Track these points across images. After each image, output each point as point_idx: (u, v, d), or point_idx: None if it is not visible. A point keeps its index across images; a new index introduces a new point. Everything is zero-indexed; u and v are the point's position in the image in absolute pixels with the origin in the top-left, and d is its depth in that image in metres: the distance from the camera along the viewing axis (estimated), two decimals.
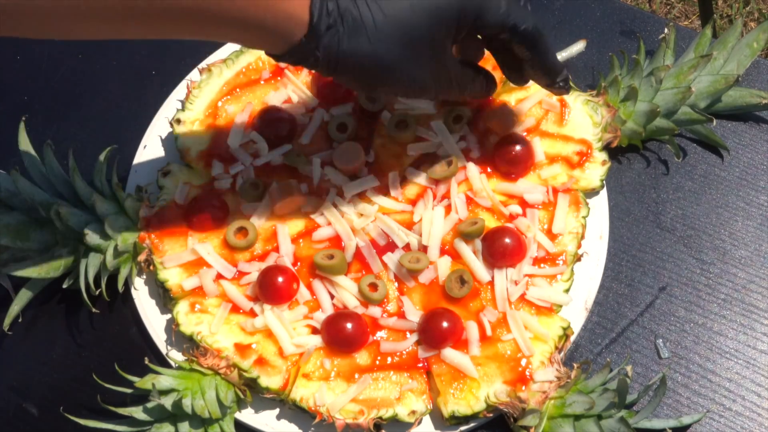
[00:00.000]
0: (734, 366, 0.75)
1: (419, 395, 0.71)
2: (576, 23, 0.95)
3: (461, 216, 0.78)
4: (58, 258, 0.75)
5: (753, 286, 0.79)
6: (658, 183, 0.84)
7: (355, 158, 0.80)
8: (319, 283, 0.76)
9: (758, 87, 0.89)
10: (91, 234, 0.74)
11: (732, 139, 0.86)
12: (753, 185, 0.84)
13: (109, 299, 0.77)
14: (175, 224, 0.78)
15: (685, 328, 0.77)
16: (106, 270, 0.75)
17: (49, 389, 0.77)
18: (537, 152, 0.80)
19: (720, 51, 0.83)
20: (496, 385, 0.70)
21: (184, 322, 0.74)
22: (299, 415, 0.73)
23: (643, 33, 0.93)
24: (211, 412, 0.68)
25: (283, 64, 0.86)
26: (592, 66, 0.91)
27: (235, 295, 0.75)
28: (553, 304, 0.74)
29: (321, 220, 0.79)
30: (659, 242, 0.81)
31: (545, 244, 0.76)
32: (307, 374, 0.72)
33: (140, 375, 0.69)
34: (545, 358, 0.71)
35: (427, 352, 0.72)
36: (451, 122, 0.82)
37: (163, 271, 0.76)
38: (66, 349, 0.79)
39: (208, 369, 0.71)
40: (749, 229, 0.82)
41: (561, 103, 0.82)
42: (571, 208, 0.78)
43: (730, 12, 1.87)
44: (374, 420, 0.70)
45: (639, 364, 0.75)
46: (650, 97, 0.81)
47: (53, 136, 0.80)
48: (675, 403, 0.74)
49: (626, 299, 0.79)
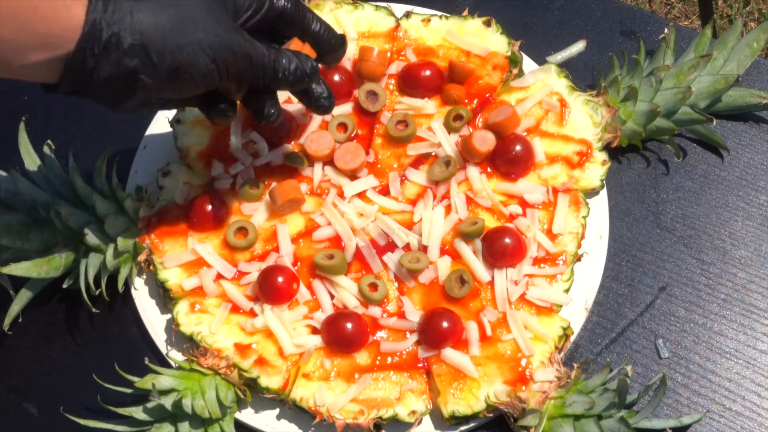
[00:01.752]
0: (734, 366, 0.75)
1: (419, 395, 0.71)
2: (576, 23, 0.95)
3: (461, 216, 0.78)
4: (58, 258, 0.75)
5: (753, 286, 0.79)
6: (658, 183, 0.84)
7: (355, 158, 0.80)
8: (319, 283, 0.76)
9: (758, 87, 0.89)
10: (91, 234, 0.74)
11: (732, 139, 0.86)
12: (753, 185, 0.84)
13: (109, 299, 0.77)
14: (175, 224, 0.78)
15: (685, 328, 0.77)
16: (106, 270, 0.75)
17: (49, 389, 0.77)
18: (537, 152, 0.80)
19: (720, 51, 0.83)
20: (496, 385, 0.70)
21: (184, 322, 0.74)
22: (299, 415, 0.73)
23: (643, 33, 0.93)
24: (211, 412, 0.68)
25: None
26: (592, 66, 0.91)
27: (235, 295, 0.75)
28: (553, 304, 0.74)
29: (321, 220, 0.79)
30: (659, 242, 0.81)
31: (545, 244, 0.76)
32: (307, 374, 0.72)
33: (140, 375, 0.69)
34: (545, 358, 0.71)
35: (427, 352, 0.72)
36: (451, 122, 0.82)
37: (163, 271, 0.76)
38: (66, 349, 0.79)
39: (208, 369, 0.71)
40: (749, 229, 0.82)
41: (561, 103, 0.82)
42: (571, 208, 0.78)
43: (730, 12, 1.87)
44: (374, 420, 0.70)
45: (639, 364, 0.75)
46: (650, 97, 0.81)
47: (53, 136, 0.80)
48: (675, 403, 0.74)
49: (626, 299, 0.79)
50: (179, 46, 0.59)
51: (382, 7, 0.89)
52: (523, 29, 0.94)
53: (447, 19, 0.88)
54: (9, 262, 0.75)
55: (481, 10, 0.89)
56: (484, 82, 0.84)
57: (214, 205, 0.78)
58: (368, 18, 0.88)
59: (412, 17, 0.88)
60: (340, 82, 0.84)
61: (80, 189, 0.77)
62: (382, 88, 0.84)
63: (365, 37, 0.87)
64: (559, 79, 0.84)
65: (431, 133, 0.82)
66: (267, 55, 0.65)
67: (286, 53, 0.67)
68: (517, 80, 0.84)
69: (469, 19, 0.87)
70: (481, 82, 0.84)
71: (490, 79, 0.84)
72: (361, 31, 0.87)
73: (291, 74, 0.67)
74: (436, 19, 0.88)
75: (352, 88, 0.85)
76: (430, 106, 0.84)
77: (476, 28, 0.87)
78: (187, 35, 0.60)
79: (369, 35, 0.87)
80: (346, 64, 0.86)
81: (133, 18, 0.57)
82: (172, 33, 0.59)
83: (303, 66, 0.68)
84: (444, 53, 0.86)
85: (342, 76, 0.84)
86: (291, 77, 0.67)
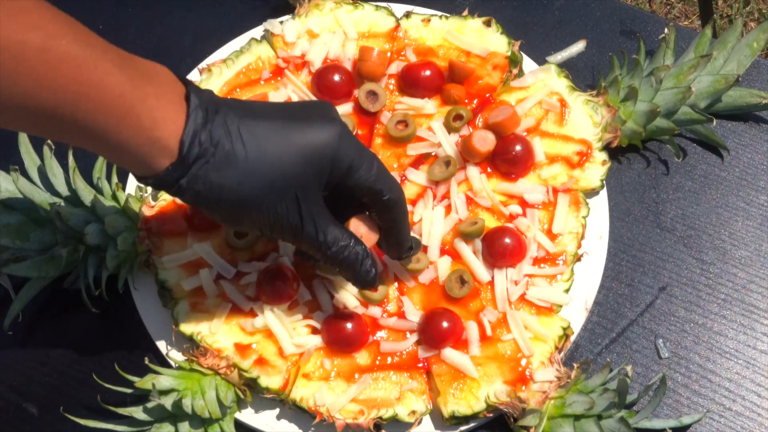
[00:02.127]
0: (734, 366, 0.75)
1: (419, 395, 0.71)
2: (576, 23, 0.95)
3: (461, 216, 0.78)
4: (58, 258, 0.75)
5: (753, 286, 0.79)
6: (658, 183, 0.84)
7: None
8: (319, 283, 0.76)
9: (758, 87, 0.89)
10: (91, 234, 0.74)
11: (732, 139, 0.86)
12: (753, 185, 0.84)
13: (109, 299, 0.77)
14: (175, 224, 0.78)
15: (685, 328, 0.77)
16: (106, 270, 0.75)
17: (49, 389, 0.77)
18: (537, 152, 0.80)
19: (720, 51, 0.83)
20: (496, 385, 0.70)
21: (184, 322, 0.74)
22: (299, 415, 0.73)
23: (643, 33, 0.93)
24: (211, 412, 0.68)
25: (283, 64, 0.86)
26: (592, 66, 0.91)
27: (235, 295, 0.75)
28: (553, 304, 0.75)
29: None
30: (659, 242, 0.81)
31: (545, 244, 0.76)
32: (307, 374, 0.72)
33: (140, 375, 0.69)
34: (545, 358, 0.71)
35: (427, 352, 0.72)
36: (451, 122, 0.82)
37: (163, 271, 0.76)
38: (66, 349, 0.79)
39: (208, 369, 0.71)
40: (749, 229, 0.82)
41: (561, 103, 0.82)
42: (571, 208, 0.78)
43: (730, 12, 1.87)
44: (374, 420, 0.70)
45: (639, 364, 0.75)
46: (650, 97, 0.81)
47: None
48: (675, 403, 0.74)
49: (626, 299, 0.79)
50: (232, 218, 0.62)
51: (382, 7, 0.89)
52: (523, 29, 0.94)
53: (447, 19, 0.88)
54: (9, 262, 0.75)
55: (481, 10, 0.89)
56: (484, 82, 0.84)
57: None
58: (368, 18, 0.88)
59: (412, 17, 0.88)
60: (340, 82, 0.84)
61: (80, 189, 0.77)
62: (382, 88, 0.84)
63: (365, 37, 0.87)
64: (559, 79, 0.84)
65: (431, 133, 0.82)
66: (325, 244, 0.64)
67: (347, 243, 0.65)
68: (517, 80, 0.84)
69: (469, 19, 0.87)
70: (481, 82, 0.84)
71: (490, 79, 0.84)
72: (361, 31, 0.87)
73: (339, 261, 0.66)
74: (436, 19, 0.88)
75: (352, 88, 0.85)
76: (430, 106, 0.84)
77: (476, 28, 0.87)
78: (244, 215, 0.62)
79: (369, 35, 0.87)
80: (346, 64, 0.86)
81: (200, 186, 0.59)
82: (231, 210, 0.61)
83: (354, 258, 0.66)
84: (444, 53, 0.86)
85: (342, 76, 0.84)
86: (338, 263, 0.66)
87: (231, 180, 0.59)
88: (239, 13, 0.96)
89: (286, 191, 0.60)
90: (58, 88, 0.51)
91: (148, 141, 0.56)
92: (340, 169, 0.62)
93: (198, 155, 0.57)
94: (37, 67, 0.49)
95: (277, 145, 0.60)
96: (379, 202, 0.65)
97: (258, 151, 0.59)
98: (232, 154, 0.58)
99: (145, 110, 0.55)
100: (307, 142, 0.61)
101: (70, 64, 0.51)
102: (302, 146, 0.60)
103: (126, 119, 0.54)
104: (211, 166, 0.58)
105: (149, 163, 0.57)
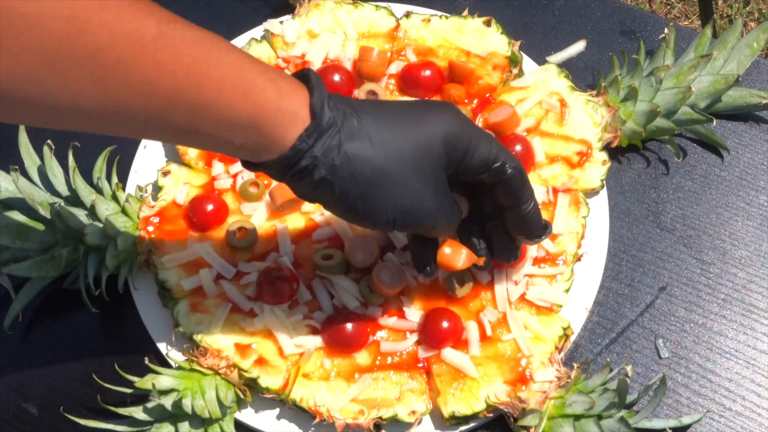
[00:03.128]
0: (734, 366, 0.75)
1: (419, 395, 0.71)
2: (576, 23, 0.95)
3: None
4: (58, 258, 0.75)
5: (753, 286, 0.79)
6: (658, 183, 0.84)
7: None
8: (319, 283, 0.76)
9: (758, 87, 0.89)
10: (91, 234, 0.74)
11: (732, 139, 0.86)
12: (753, 185, 0.84)
13: (109, 299, 0.77)
14: (175, 224, 0.78)
15: (685, 328, 0.77)
16: (106, 270, 0.75)
17: (49, 389, 0.77)
18: (537, 152, 0.80)
19: (720, 51, 0.83)
20: (496, 385, 0.70)
21: (184, 322, 0.74)
22: (299, 415, 0.73)
23: (643, 33, 0.93)
24: (211, 412, 0.68)
25: (283, 64, 0.85)
26: (592, 66, 0.91)
27: (235, 295, 0.75)
28: (553, 304, 0.75)
29: (321, 219, 0.79)
30: (659, 242, 0.81)
31: (545, 244, 0.76)
32: (307, 374, 0.72)
33: (140, 375, 0.69)
34: (545, 358, 0.71)
35: (427, 352, 0.72)
36: None
37: (163, 271, 0.76)
38: (66, 349, 0.79)
39: (208, 369, 0.71)
40: (749, 229, 0.82)
41: (561, 103, 0.82)
42: (571, 208, 0.78)
43: (730, 12, 1.87)
44: (374, 420, 0.70)
45: (639, 364, 0.75)
46: (650, 97, 0.81)
47: (53, 136, 0.80)
48: (675, 403, 0.74)
49: (626, 299, 0.79)
50: (366, 197, 0.58)
51: (382, 7, 0.89)
52: (523, 29, 0.94)
53: (447, 19, 0.88)
54: (9, 262, 0.75)
55: (481, 10, 0.89)
56: (484, 82, 0.84)
57: (214, 205, 0.78)
58: (368, 18, 0.88)
59: (412, 17, 0.88)
60: (340, 82, 0.84)
61: (80, 189, 0.77)
62: (382, 88, 0.84)
63: (365, 37, 0.87)
64: (559, 79, 0.84)
65: None
66: (445, 224, 0.63)
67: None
68: (517, 80, 0.84)
69: (469, 19, 0.87)
70: (481, 82, 0.84)
71: (490, 79, 0.84)
72: (361, 31, 0.88)
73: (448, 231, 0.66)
74: (436, 19, 0.88)
75: (352, 88, 0.85)
76: None
77: (476, 28, 0.87)
78: (380, 190, 0.59)
79: (369, 35, 0.87)
80: (346, 64, 0.86)
81: (335, 157, 0.56)
82: (366, 185, 0.58)
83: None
84: (444, 53, 0.86)
85: (342, 76, 0.84)
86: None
87: (366, 150, 0.56)
88: (239, 13, 0.96)
89: (419, 163, 0.59)
90: (180, 70, 0.50)
91: (278, 110, 0.54)
92: (462, 146, 0.61)
93: (330, 122, 0.55)
94: (155, 53, 0.48)
95: (402, 120, 0.59)
96: (504, 174, 0.63)
97: (384, 123, 0.58)
98: (360, 125, 0.57)
99: (268, 82, 0.54)
100: (430, 119, 0.60)
101: (189, 47, 0.50)
102: (426, 122, 0.59)
103: (251, 93, 0.53)
104: (345, 134, 0.56)
105: (279, 137, 0.55)
